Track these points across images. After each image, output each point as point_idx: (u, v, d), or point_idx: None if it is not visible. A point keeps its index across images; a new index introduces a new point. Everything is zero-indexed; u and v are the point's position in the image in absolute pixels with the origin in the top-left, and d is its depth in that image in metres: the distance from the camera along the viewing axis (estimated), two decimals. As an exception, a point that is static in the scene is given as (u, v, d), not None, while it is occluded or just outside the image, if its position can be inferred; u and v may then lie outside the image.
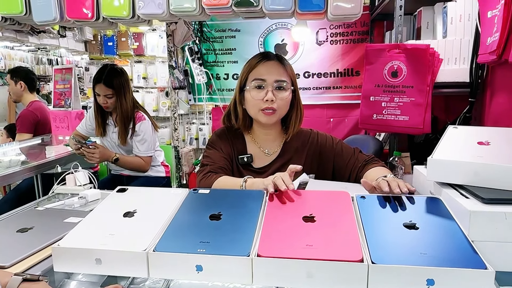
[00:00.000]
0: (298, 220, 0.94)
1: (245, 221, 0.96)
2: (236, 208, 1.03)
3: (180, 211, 1.02)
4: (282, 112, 1.36)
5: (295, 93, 1.39)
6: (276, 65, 1.33)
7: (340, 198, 1.06)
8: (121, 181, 2.57)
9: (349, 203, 1.02)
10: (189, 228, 0.95)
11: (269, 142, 1.44)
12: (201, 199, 1.10)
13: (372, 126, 2.09)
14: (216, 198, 1.10)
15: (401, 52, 1.94)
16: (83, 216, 1.10)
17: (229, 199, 1.09)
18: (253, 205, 1.04)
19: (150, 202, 1.10)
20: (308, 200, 1.06)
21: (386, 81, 1.99)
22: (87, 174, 1.58)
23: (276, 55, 1.38)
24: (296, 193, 1.10)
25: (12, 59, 7.58)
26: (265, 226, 0.92)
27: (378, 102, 2.02)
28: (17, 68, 3.09)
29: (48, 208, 1.30)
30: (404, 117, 1.97)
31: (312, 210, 0.98)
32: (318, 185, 1.38)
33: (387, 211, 1.01)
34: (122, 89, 2.37)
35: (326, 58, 3.18)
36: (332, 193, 1.10)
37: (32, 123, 2.94)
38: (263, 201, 1.07)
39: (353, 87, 3.18)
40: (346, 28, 3.10)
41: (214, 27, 3.36)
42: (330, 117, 3.29)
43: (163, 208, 1.04)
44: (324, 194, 1.10)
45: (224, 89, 3.48)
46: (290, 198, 1.07)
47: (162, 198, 1.12)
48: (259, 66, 1.33)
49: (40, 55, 8.27)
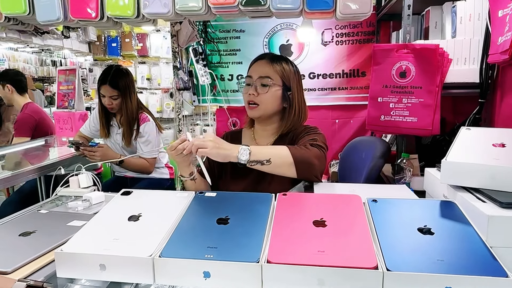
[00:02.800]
0: (309, 224, 0.91)
1: (253, 225, 0.93)
2: (244, 211, 1.00)
3: (186, 215, 0.99)
4: (267, 107, 1.41)
5: (291, 90, 1.43)
6: (263, 64, 1.42)
7: (351, 202, 1.03)
8: (125, 183, 2.55)
9: (361, 207, 0.99)
10: (195, 232, 0.92)
11: (266, 137, 1.49)
12: (207, 202, 1.08)
13: (379, 127, 2.06)
14: (223, 201, 1.08)
15: (410, 52, 1.90)
16: (87, 219, 1.08)
17: (236, 202, 1.06)
18: (261, 209, 1.01)
19: (155, 205, 1.07)
20: (318, 203, 1.03)
21: (394, 81, 1.95)
22: (91, 176, 1.56)
23: (272, 55, 1.47)
24: (305, 196, 1.07)
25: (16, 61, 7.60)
26: (275, 231, 0.89)
27: (386, 103, 1.98)
28: (4, 71, 3.04)
29: (51, 211, 1.28)
30: (413, 118, 1.94)
31: (322, 214, 0.95)
32: (325, 188, 1.35)
33: (400, 215, 0.98)
34: (128, 90, 2.35)
35: (332, 59, 3.15)
36: (343, 197, 1.07)
37: (31, 127, 2.92)
38: (272, 204, 1.04)
39: (359, 88, 3.14)
40: (352, 28, 3.07)
41: (218, 27, 3.33)
42: (336, 119, 3.25)
43: (169, 211, 1.01)
44: (334, 197, 1.07)
45: (228, 90, 3.45)
46: (299, 202, 1.04)
47: (168, 201, 1.10)
48: (252, 66, 1.45)
49: (44, 57, 8.29)
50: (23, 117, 2.93)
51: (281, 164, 1.24)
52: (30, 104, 3.02)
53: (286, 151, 1.25)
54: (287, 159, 1.24)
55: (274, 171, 1.26)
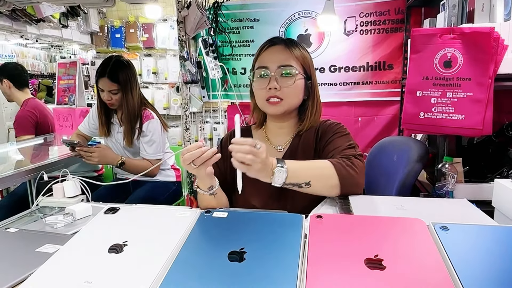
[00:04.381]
0: (359, 265, 0.64)
1: (278, 264, 0.66)
2: (265, 241, 0.74)
3: (187, 246, 0.73)
4: (291, 102, 1.18)
5: (311, 80, 1.22)
6: (280, 50, 1.18)
7: (412, 229, 0.75)
8: (127, 186, 2.31)
9: (428, 238, 0.72)
10: (199, 273, 0.66)
11: (282, 136, 1.26)
12: (216, 226, 0.81)
13: (418, 126, 1.76)
14: (237, 224, 0.81)
15: (457, 37, 1.61)
16: (62, 242, 0.83)
17: (254, 226, 0.79)
18: (289, 237, 0.74)
19: (146, 229, 0.81)
20: (366, 232, 0.76)
21: (437, 72, 1.66)
22: (79, 183, 1.31)
23: (284, 39, 1.23)
24: (347, 220, 0.80)
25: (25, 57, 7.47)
26: (310, 277, 0.62)
27: (427, 97, 1.69)
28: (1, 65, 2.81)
29: (22, 230, 1.03)
30: (459, 116, 1.65)
31: (376, 248, 0.68)
32: (363, 203, 1.06)
33: (481, 248, 0.70)
34: (129, 84, 2.11)
35: (355, 50, 2.86)
36: (399, 221, 0.79)
37: (32, 124, 2.70)
38: (303, 229, 0.77)
39: (386, 83, 2.85)
40: (378, 16, 2.77)
41: (230, 16, 3.07)
42: (358, 116, 2.97)
43: (164, 239, 0.75)
44: (386, 222, 0.79)
45: (241, 85, 3.20)
46: (341, 228, 0.77)
47: (164, 223, 0.84)
48: (263, 53, 1.20)
49: (53, 53, 8.15)
50: (22, 115, 2.71)
51: (322, 187, 1.02)
52: (31, 100, 2.80)
53: (330, 171, 1.01)
54: (331, 181, 1.01)
55: (312, 192, 1.02)
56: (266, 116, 1.29)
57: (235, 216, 0.84)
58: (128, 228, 0.80)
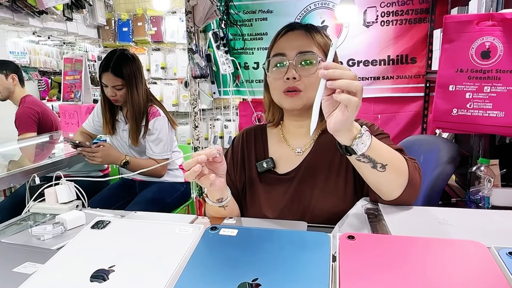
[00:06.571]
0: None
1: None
2: (284, 268, 0.59)
3: (185, 276, 0.58)
4: (312, 94, 0.96)
5: None
6: (300, 35, 1.02)
7: (471, 256, 0.59)
8: (132, 187, 2.21)
9: (493, 265, 0.56)
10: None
11: (302, 138, 1.09)
12: (223, 248, 0.66)
13: (450, 124, 1.59)
14: (249, 246, 0.66)
15: (497, 24, 1.43)
16: (44, 260, 0.70)
17: (271, 249, 0.64)
18: (313, 263, 0.59)
19: (139, 250, 0.67)
20: (414, 257, 0.60)
21: (474, 64, 1.49)
22: (73, 187, 1.18)
23: (305, 24, 1.07)
24: (386, 241, 0.64)
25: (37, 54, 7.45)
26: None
27: (461, 92, 1.52)
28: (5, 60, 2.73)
29: (3, 244, 0.90)
30: (498, 113, 1.48)
31: (426, 282, 0.52)
32: (396, 213, 0.90)
33: None
34: (134, 79, 1.99)
35: (375, 43, 2.69)
36: (452, 244, 0.63)
37: (34, 120, 2.60)
38: (329, 254, 0.62)
39: (408, 77, 2.67)
40: (400, 5, 2.59)
41: (242, 8, 2.93)
42: (378, 113, 2.80)
43: (158, 265, 0.61)
44: (435, 245, 0.63)
45: (253, 80, 3.06)
46: (378, 253, 0.61)
47: (160, 243, 0.69)
48: (281, 40, 1.05)
49: (65, 49, 8.13)
50: (22, 112, 2.61)
51: (392, 180, 0.83)
52: (28, 96, 2.70)
53: (404, 167, 0.84)
54: (400, 179, 0.83)
55: (375, 182, 0.85)
56: (283, 114, 1.13)
57: (246, 235, 0.70)
58: (117, 249, 0.67)
